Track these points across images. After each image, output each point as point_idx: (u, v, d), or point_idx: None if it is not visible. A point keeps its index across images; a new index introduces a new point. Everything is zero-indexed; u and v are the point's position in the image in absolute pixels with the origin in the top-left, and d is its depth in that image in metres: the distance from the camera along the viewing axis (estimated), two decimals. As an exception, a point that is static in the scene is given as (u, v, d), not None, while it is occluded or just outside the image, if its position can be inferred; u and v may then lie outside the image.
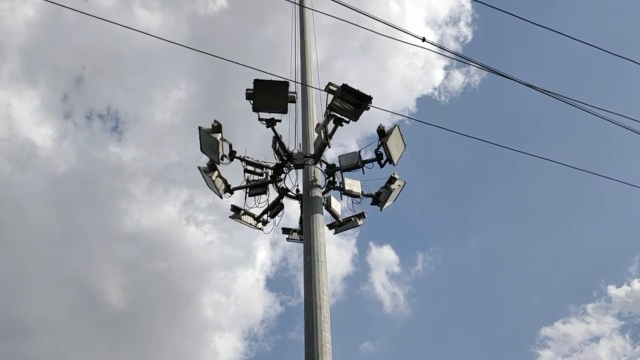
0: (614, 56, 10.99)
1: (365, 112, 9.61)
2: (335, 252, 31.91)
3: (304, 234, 9.22)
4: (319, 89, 10.24)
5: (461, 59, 11.52)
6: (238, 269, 33.70)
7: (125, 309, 30.46)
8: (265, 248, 33.97)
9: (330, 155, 10.61)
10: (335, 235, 10.87)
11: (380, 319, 34.23)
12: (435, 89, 34.80)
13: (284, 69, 12.13)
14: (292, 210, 11.17)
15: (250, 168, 10.05)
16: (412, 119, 18.52)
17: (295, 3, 12.70)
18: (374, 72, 32.77)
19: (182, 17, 33.27)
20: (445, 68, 34.63)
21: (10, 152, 29.89)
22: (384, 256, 35.36)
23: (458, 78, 35.50)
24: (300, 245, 9.39)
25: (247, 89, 9.32)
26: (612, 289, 33.14)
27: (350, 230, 10.87)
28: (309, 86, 11.00)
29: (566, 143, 35.80)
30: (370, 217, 10.81)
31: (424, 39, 9.37)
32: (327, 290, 8.40)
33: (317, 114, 10.74)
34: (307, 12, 12.57)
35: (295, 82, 10.74)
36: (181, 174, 29.78)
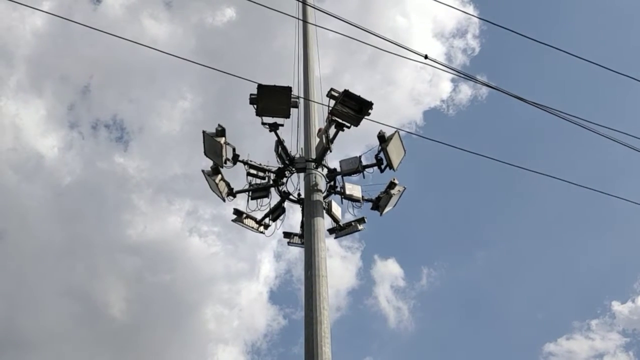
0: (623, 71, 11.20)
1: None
2: (341, 265, 31.91)
3: (304, 248, 9.28)
4: (322, 104, 10.47)
5: (463, 75, 11.71)
6: (242, 281, 33.67)
7: (128, 321, 30.47)
8: (269, 260, 34.00)
9: (335, 165, 10.76)
10: (341, 248, 10.99)
11: (384, 333, 34.09)
12: (443, 101, 34.94)
13: (289, 82, 12.40)
14: (297, 220, 11.33)
15: (252, 172, 10.26)
16: (417, 135, 18.70)
17: (298, 19, 13.05)
18: (381, 85, 33.02)
19: (189, 28, 33.80)
20: (453, 80, 34.80)
21: (17, 163, 30.24)
22: (389, 269, 35.34)
23: (465, 91, 35.60)
24: (303, 254, 9.47)
25: (251, 94, 9.53)
26: (616, 305, 33.01)
27: (356, 244, 11.08)
28: (311, 101, 11.24)
29: (573, 159, 36.00)
30: (375, 229, 10.93)
31: (426, 57, 9.49)
32: (327, 305, 8.40)
33: (319, 123, 10.97)
34: (310, 27, 12.92)
35: (299, 97, 10.89)
36: (186, 184, 30.01)
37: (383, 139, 10.11)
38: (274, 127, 9.93)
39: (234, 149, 10.08)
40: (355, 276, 34.36)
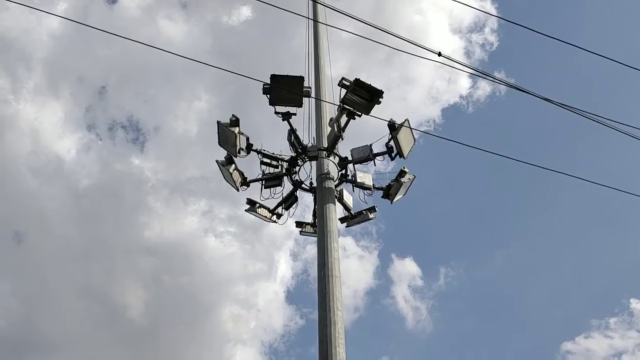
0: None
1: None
2: (358, 265, 31.85)
3: (317, 249, 9.36)
4: (333, 103, 10.68)
5: (475, 72, 11.79)
6: (259, 282, 33.49)
7: (145, 322, 30.56)
8: (286, 260, 33.91)
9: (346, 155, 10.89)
10: (358, 247, 11.02)
11: (402, 333, 33.90)
12: (462, 97, 34.43)
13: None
14: (309, 213, 11.46)
15: (266, 160, 10.46)
16: (431, 134, 18.74)
17: (308, 18, 13.33)
18: (399, 84, 32.62)
19: (205, 28, 33.92)
20: (472, 77, 34.69)
21: (36, 166, 30.60)
22: (407, 269, 35.17)
23: (484, 87, 35.09)
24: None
25: (264, 84, 9.78)
26: (634, 303, 32.59)
27: (373, 243, 11.13)
28: (322, 101, 11.45)
29: (592, 157, 35.53)
30: (392, 228, 11.01)
31: (439, 54, 9.56)
32: (341, 306, 8.47)
33: (330, 114, 11.16)
34: (322, 25, 13.21)
35: (310, 96, 11.01)
36: (202, 185, 30.18)
37: (393, 127, 10.29)
38: (286, 116, 10.15)
39: (247, 139, 10.27)
40: (373, 276, 34.33)
